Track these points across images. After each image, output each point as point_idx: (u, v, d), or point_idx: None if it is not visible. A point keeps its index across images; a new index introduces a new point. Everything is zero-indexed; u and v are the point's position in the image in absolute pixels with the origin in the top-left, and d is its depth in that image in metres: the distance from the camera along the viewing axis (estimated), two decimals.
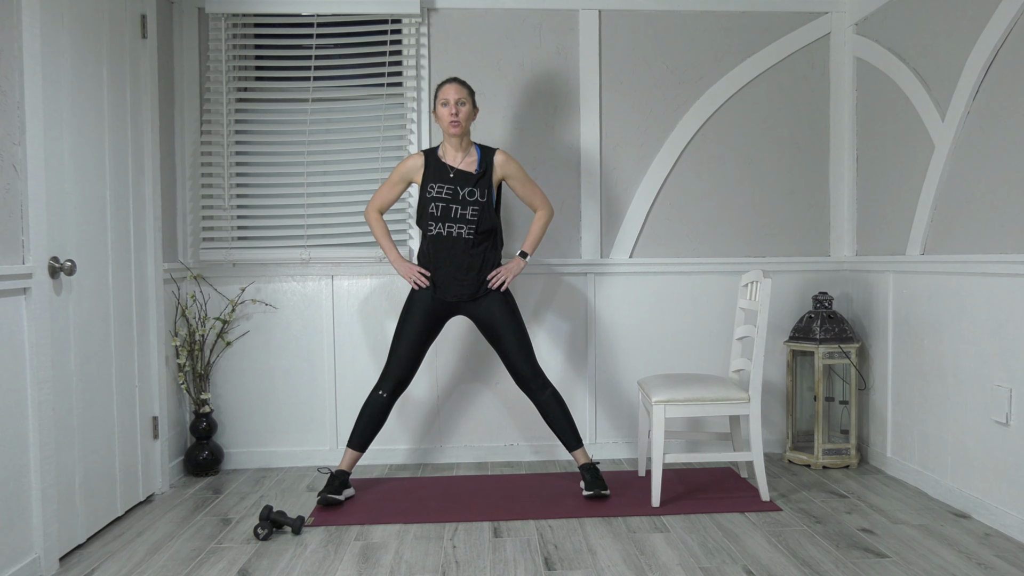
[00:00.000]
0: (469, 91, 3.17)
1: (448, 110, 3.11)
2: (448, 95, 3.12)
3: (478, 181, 3.15)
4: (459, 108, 3.11)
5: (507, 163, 3.21)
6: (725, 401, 3.08)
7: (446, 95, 3.12)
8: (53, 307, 2.55)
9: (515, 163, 3.23)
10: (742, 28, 3.81)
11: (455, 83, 3.15)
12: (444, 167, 3.17)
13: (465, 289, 3.15)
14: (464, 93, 3.14)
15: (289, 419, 3.75)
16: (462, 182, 3.14)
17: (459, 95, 3.12)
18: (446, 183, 3.14)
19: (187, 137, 3.66)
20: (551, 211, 3.29)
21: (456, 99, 3.11)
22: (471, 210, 3.12)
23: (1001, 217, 2.79)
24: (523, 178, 3.25)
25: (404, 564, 2.53)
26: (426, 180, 3.17)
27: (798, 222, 3.88)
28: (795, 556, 2.55)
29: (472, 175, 3.15)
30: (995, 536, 2.71)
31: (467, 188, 3.13)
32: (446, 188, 3.13)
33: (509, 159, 3.21)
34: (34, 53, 2.44)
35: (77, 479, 2.69)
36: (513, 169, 3.22)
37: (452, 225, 3.13)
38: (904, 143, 3.39)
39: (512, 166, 3.22)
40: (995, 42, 2.79)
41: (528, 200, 3.28)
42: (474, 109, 3.18)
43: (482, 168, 3.17)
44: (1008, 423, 2.74)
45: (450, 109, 3.11)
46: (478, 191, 3.14)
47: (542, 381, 3.21)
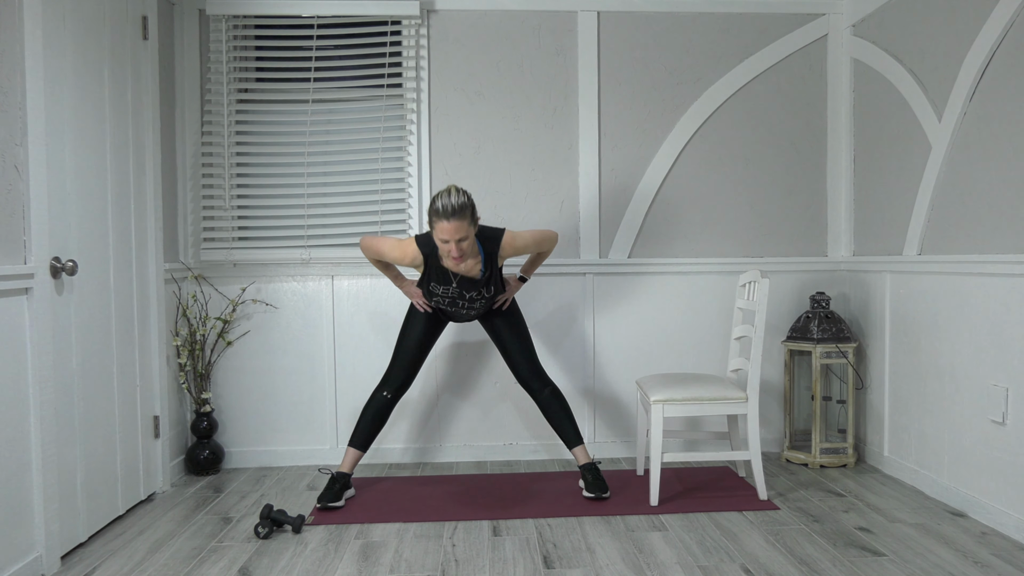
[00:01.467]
0: (468, 219, 2.79)
1: (448, 248, 2.83)
2: (445, 235, 2.79)
3: (484, 283, 3.03)
4: (460, 246, 2.82)
5: (513, 250, 3.02)
6: (723, 400, 3.09)
7: (443, 235, 2.79)
8: (55, 307, 2.57)
9: (520, 242, 3.02)
10: (740, 30, 3.83)
11: (453, 220, 2.76)
12: (446, 272, 2.99)
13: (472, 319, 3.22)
14: (464, 228, 2.78)
15: (289, 418, 3.76)
16: (467, 286, 3.02)
17: (459, 233, 2.78)
18: (450, 286, 3.02)
19: (188, 138, 3.68)
20: (554, 244, 3.14)
21: (456, 239, 2.80)
22: (479, 303, 3.09)
23: (998, 217, 2.80)
24: (529, 246, 3.05)
25: (404, 562, 2.55)
26: (427, 278, 3.03)
27: (796, 222, 3.90)
28: (793, 555, 2.56)
29: (477, 280, 3.01)
30: (992, 535, 2.73)
31: (473, 291, 3.03)
32: (450, 290, 3.03)
33: (514, 244, 3.01)
34: (36, 55, 2.46)
35: (79, 478, 2.71)
36: (520, 249, 3.04)
37: (459, 309, 3.12)
38: (901, 144, 3.41)
39: (519, 248, 3.03)
40: (991, 43, 2.81)
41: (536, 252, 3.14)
42: (475, 226, 2.85)
43: (487, 271, 3.00)
44: (1004, 422, 2.75)
45: (451, 249, 2.82)
46: (484, 290, 3.04)
47: (543, 379, 3.22)
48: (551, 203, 3.80)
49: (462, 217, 2.77)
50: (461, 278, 3.01)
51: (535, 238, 3.06)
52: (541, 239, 3.08)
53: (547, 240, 3.10)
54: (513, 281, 3.22)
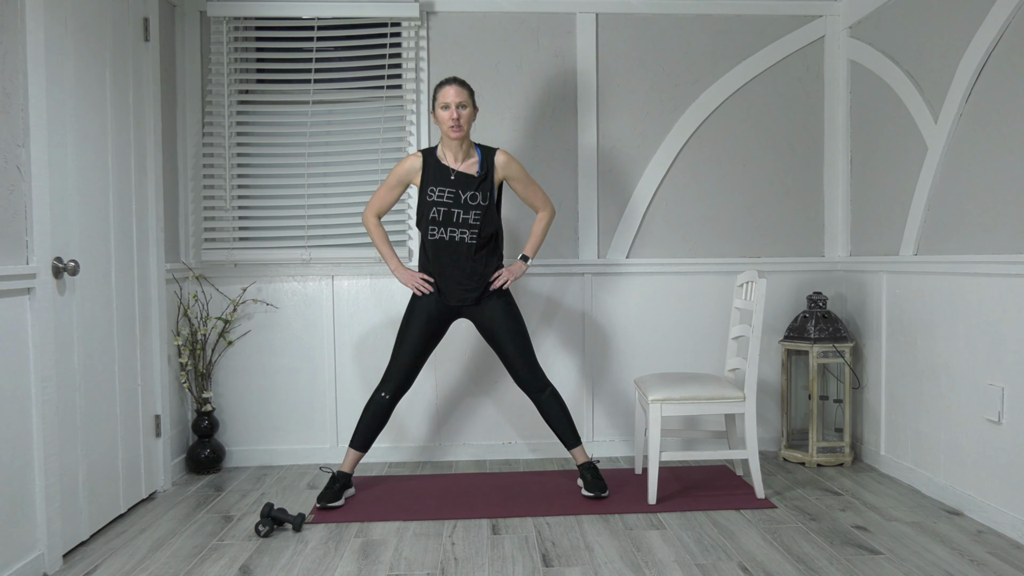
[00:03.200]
0: (469, 92, 3.09)
1: (449, 114, 3.03)
2: (448, 98, 3.03)
3: (480, 184, 3.10)
4: (460, 112, 3.03)
5: (509, 164, 3.16)
6: (721, 400, 3.11)
7: (446, 98, 3.04)
8: (57, 307, 2.58)
9: (517, 164, 3.19)
10: (737, 31, 3.85)
11: (455, 84, 3.06)
12: (445, 169, 3.11)
13: (469, 293, 3.13)
14: (465, 95, 3.06)
15: (290, 417, 3.78)
16: (464, 185, 3.10)
17: (460, 98, 3.04)
18: (447, 186, 3.10)
19: (189, 139, 3.70)
20: (552, 212, 3.27)
21: (457, 102, 3.03)
22: (473, 214, 3.09)
23: (994, 218, 2.82)
24: (525, 179, 3.21)
25: (404, 561, 2.56)
26: (426, 183, 3.12)
27: (793, 223, 3.92)
28: (790, 553, 2.58)
29: (474, 178, 3.10)
30: (987, 533, 2.74)
31: (469, 192, 3.09)
32: (447, 192, 3.09)
33: (511, 160, 3.16)
34: (38, 56, 2.47)
35: (80, 477, 2.72)
36: (515, 170, 3.17)
37: (455, 230, 3.09)
38: (897, 145, 3.42)
39: (514, 167, 3.17)
40: (987, 45, 2.82)
41: (529, 201, 3.25)
42: (475, 110, 3.11)
43: (483, 170, 3.11)
44: (1000, 422, 2.77)
45: (451, 113, 3.02)
46: (480, 194, 3.09)
47: (542, 381, 3.22)
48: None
49: (464, 86, 3.08)
50: (458, 175, 3.08)
51: (531, 179, 3.24)
52: (536, 183, 3.28)
53: (542, 193, 3.26)
54: (516, 263, 3.22)
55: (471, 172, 3.12)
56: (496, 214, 3.16)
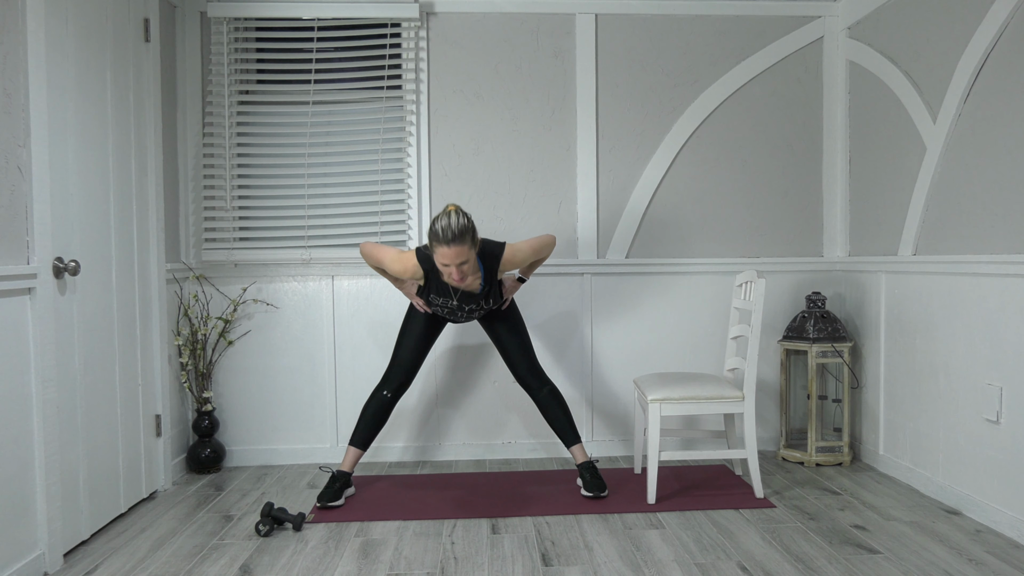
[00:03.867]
0: (470, 240, 2.78)
1: (449, 271, 2.83)
2: (447, 260, 2.78)
3: (484, 296, 3.06)
4: (462, 268, 2.82)
5: (513, 264, 3.03)
6: (720, 399, 3.12)
7: (444, 260, 2.78)
8: (57, 307, 2.59)
9: (520, 256, 3.02)
10: (736, 32, 3.86)
11: (454, 246, 2.75)
12: (446, 287, 3.01)
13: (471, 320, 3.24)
14: (464, 252, 2.77)
15: (290, 417, 3.79)
16: (466, 299, 3.06)
17: (459, 258, 2.78)
18: (450, 298, 3.05)
19: (189, 139, 3.70)
20: (553, 247, 3.15)
21: (457, 263, 2.80)
22: (478, 312, 3.14)
23: (992, 218, 2.83)
24: (529, 258, 3.06)
25: (403, 560, 2.57)
26: (427, 290, 3.05)
27: (792, 223, 3.92)
28: (789, 552, 2.59)
29: (476, 294, 3.05)
30: (986, 532, 2.75)
31: (471, 303, 3.07)
32: (450, 302, 3.07)
33: (514, 260, 3.01)
34: (39, 57, 2.48)
35: (81, 476, 2.73)
36: (519, 263, 3.05)
37: (459, 316, 3.15)
38: (896, 145, 3.43)
39: (518, 262, 3.03)
40: (986, 45, 2.83)
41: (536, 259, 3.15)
42: (476, 249, 2.85)
43: (487, 285, 3.03)
44: (999, 421, 2.77)
45: (452, 272, 2.83)
46: (483, 301, 3.08)
47: (541, 378, 3.24)
48: (549, 204, 3.82)
49: (462, 242, 2.76)
50: (462, 293, 3.05)
51: (533, 247, 3.06)
52: (539, 247, 3.08)
53: (545, 247, 3.11)
54: (511, 282, 3.24)
55: (474, 289, 3.02)
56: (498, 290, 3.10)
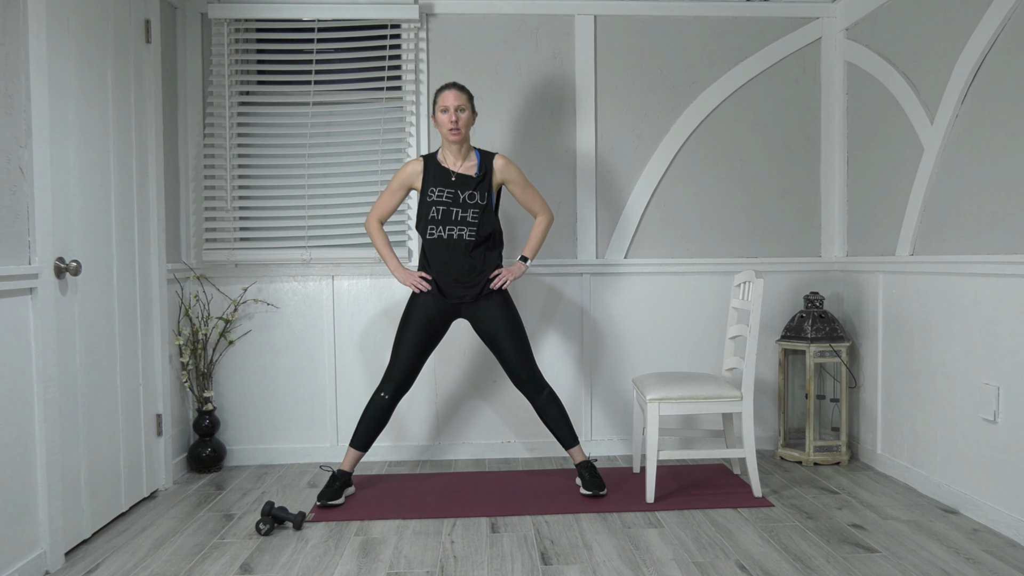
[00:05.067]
0: (468, 96, 3.17)
1: (448, 117, 3.11)
2: (447, 101, 3.12)
3: (478, 184, 3.17)
4: (458, 115, 3.11)
5: (507, 167, 3.23)
6: (718, 399, 3.13)
7: (445, 101, 3.12)
8: (59, 307, 2.60)
9: (515, 168, 3.25)
10: (735, 33, 3.87)
11: (454, 89, 3.14)
12: (445, 171, 3.18)
13: (467, 289, 3.17)
14: (463, 99, 3.14)
15: (290, 417, 3.80)
16: (463, 185, 3.16)
17: (458, 101, 3.12)
18: (447, 187, 3.16)
19: (190, 140, 3.72)
20: (551, 216, 3.31)
21: (456, 106, 3.11)
22: (472, 212, 3.15)
23: (989, 218, 2.84)
24: (523, 183, 3.27)
25: (403, 559, 2.58)
26: (426, 184, 3.19)
27: (790, 223, 3.94)
28: (787, 551, 2.60)
29: (472, 178, 3.18)
30: (983, 531, 2.76)
31: (467, 191, 3.16)
32: (447, 192, 3.16)
33: (509, 164, 3.23)
34: (40, 58, 2.49)
35: (82, 475, 2.74)
36: (513, 174, 3.25)
37: (453, 228, 3.15)
38: (894, 146, 3.44)
39: (512, 171, 3.24)
40: (983, 47, 2.84)
41: (528, 205, 3.30)
42: (473, 114, 3.18)
43: (482, 172, 3.19)
44: (996, 421, 2.79)
45: (449, 116, 3.11)
46: (478, 194, 3.16)
47: (539, 383, 3.24)
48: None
49: (463, 91, 3.15)
50: (458, 175, 3.16)
51: (529, 183, 3.30)
52: (534, 188, 3.35)
53: (540, 197, 3.31)
54: (515, 263, 3.25)
55: (470, 173, 3.19)
56: (494, 215, 3.21)
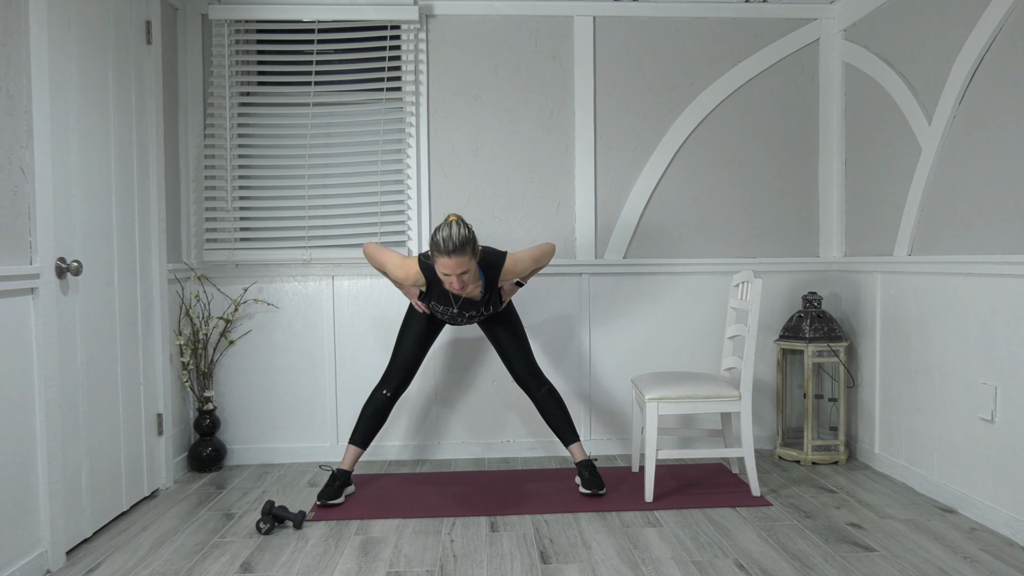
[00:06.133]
0: (470, 251, 2.80)
1: (450, 281, 2.86)
2: (447, 270, 2.81)
3: (485, 303, 3.10)
4: (462, 279, 2.85)
5: (514, 273, 3.06)
6: (717, 399, 3.14)
7: (445, 270, 2.81)
8: (60, 307, 2.61)
9: (521, 266, 3.04)
10: (733, 34, 3.88)
11: (454, 256, 2.77)
12: (447, 294, 3.05)
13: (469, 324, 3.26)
14: (465, 262, 2.80)
15: (291, 416, 3.81)
16: (467, 306, 3.09)
17: (460, 268, 2.80)
18: (451, 306, 3.09)
19: (191, 140, 3.73)
20: (552, 255, 3.19)
21: (458, 273, 2.82)
22: (478, 318, 3.17)
23: (986, 219, 2.85)
24: (529, 267, 3.09)
25: (403, 558, 2.59)
26: (429, 296, 3.09)
27: (788, 224, 3.95)
28: (785, 550, 2.61)
29: (477, 301, 3.08)
30: (980, 530, 2.77)
31: (472, 310, 3.11)
32: (452, 309, 3.10)
33: (515, 269, 3.04)
34: (41, 59, 2.50)
35: (83, 475, 2.75)
36: (520, 272, 3.07)
37: (460, 321, 3.18)
38: (892, 146, 3.46)
39: (519, 272, 3.06)
40: (980, 48, 2.85)
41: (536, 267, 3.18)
42: (476, 259, 2.87)
43: (487, 293, 3.06)
44: (993, 420, 2.80)
45: (453, 282, 2.86)
46: (484, 309, 3.12)
47: (539, 379, 3.26)
48: (548, 205, 3.85)
49: (463, 253, 2.78)
50: (463, 300, 3.08)
51: (534, 256, 3.10)
52: (540, 255, 3.12)
53: (545, 255, 3.15)
54: (509, 286, 3.25)
55: (474, 296, 3.06)
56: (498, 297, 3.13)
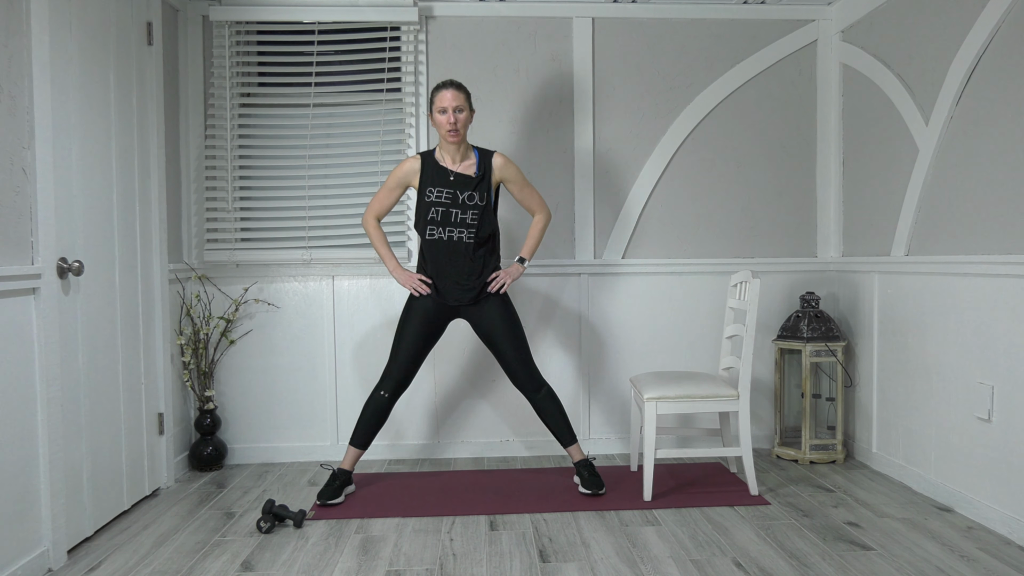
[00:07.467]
0: (466, 95, 3.12)
1: (446, 118, 3.06)
2: (445, 102, 3.07)
3: (477, 184, 3.15)
4: (457, 116, 3.06)
5: (506, 166, 3.20)
6: (715, 398, 3.15)
7: (442, 102, 3.07)
8: (61, 307, 2.62)
9: (513, 166, 3.23)
10: (731, 35, 3.90)
11: (452, 88, 3.08)
12: (443, 170, 3.15)
13: (466, 293, 3.17)
14: (462, 99, 3.09)
15: (291, 415, 3.82)
16: (461, 186, 3.14)
17: (456, 102, 3.07)
18: (445, 187, 3.14)
19: (192, 141, 3.74)
20: (548, 215, 3.31)
21: (454, 106, 3.06)
22: (471, 214, 3.13)
23: (983, 219, 2.86)
24: (521, 182, 3.25)
25: (403, 556, 2.60)
26: (424, 184, 3.16)
27: (786, 224, 3.96)
28: (783, 549, 2.62)
29: (471, 178, 3.15)
30: (977, 529, 2.78)
31: (467, 192, 3.13)
32: (445, 192, 3.13)
33: (508, 162, 3.21)
34: (43, 60, 2.51)
35: (85, 474, 2.76)
36: (511, 172, 3.22)
37: (452, 229, 3.14)
38: (889, 147, 3.47)
39: (511, 169, 3.22)
40: (977, 49, 2.86)
41: (526, 204, 3.29)
42: (471, 113, 3.14)
43: (481, 171, 3.16)
44: (990, 419, 2.81)
45: (448, 117, 3.06)
46: (478, 194, 3.14)
47: (538, 381, 3.26)
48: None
49: (460, 90, 3.10)
50: (456, 175, 3.13)
51: (527, 182, 3.28)
52: (532, 186, 3.31)
53: (538, 195, 3.30)
54: (513, 265, 3.26)
55: (469, 173, 3.17)
56: (493, 215, 3.20)
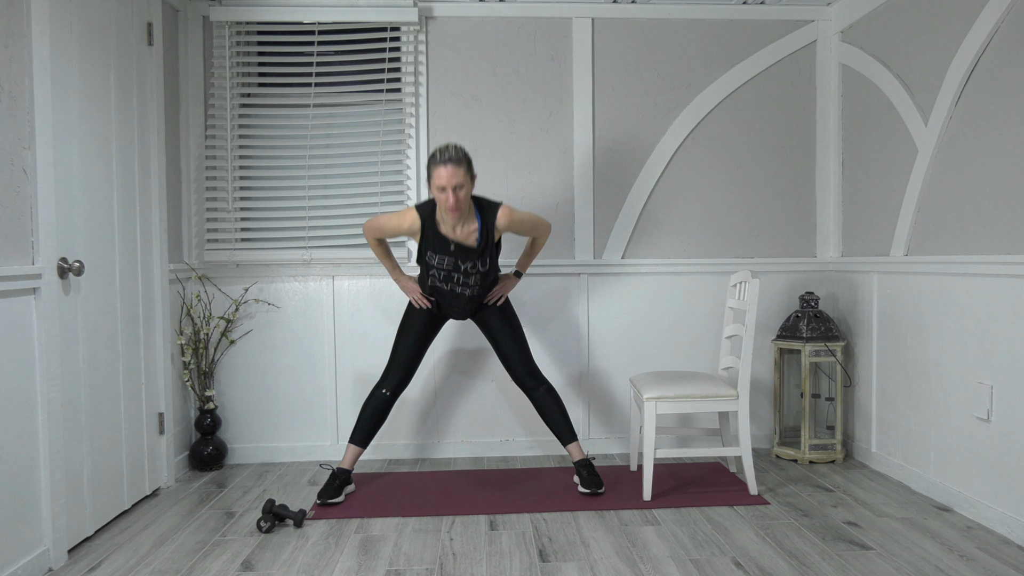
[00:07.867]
0: (466, 167, 2.87)
1: (445, 196, 2.86)
2: (442, 181, 2.84)
3: (480, 254, 3.04)
4: (456, 194, 2.86)
5: (510, 223, 3.05)
6: (714, 398, 3.15)
7: (440, 180, 2.84)
8: (62, 307, 2.62)
9: (517, 217, 3.06)
10: (731, 36, 3.90)
11: (450, 165, 2.83)
12: (443, 239, 3.01)
13: (467, 314, 3.24)
14: (461, 174, 2.84)
15: (291, 415, 3.83)
16: (463, 256, 3.03)
17: (455, 179, 2.84)
18: (446, 255, 3.03)
19: (192, 141, 3.74)
20: (549, 231, 3.22)
21: (453, 184, 2.84)
22: (473, 278, 3.10)
23: (983, 219, 2.87)
24: (525, 224, 3.10)
25: (403, 556, 2.60)
26: (424, 246, 3.04)
27: (785, 224, 3.97)
28: (782, 548, 2.62)
29: (473, 250, 3.03)
30: (977, 529, 2.79)
31: (468, 262, 3.05)
32: (447, 260, 3.04)
33: (511, 217, 3.03)
34: (43, 60, 2.51)
35: (85, 474, 2.76)
36: (516, 225, 3.07)
37: (455, 285, 3.12)
38: (888, 147, 3.47)
39: (515, 223, 3.06)
40: (976, 49, 2.87)
41: (530, 235, 3.20)
42: (473, 181, 2.92)
43: (483, 239, 3.02)
44: (989, 419, 2.81)
45: (447, 196, 2.86)
46: (480, 262, 3.06)
47: (538, 378, 3.28)
48: (547, 205, 3.87)
49: (459, 165, 2.85)
50: (457, 246, 3.04)
51: (531, 219, 3.13)
52: (536, 222, 3.15)
53: (541, 225, 3.17)
54: (508, 277, 3.28)
55: (470, 242, 3.03)
56: (495, 263, 3.14)
